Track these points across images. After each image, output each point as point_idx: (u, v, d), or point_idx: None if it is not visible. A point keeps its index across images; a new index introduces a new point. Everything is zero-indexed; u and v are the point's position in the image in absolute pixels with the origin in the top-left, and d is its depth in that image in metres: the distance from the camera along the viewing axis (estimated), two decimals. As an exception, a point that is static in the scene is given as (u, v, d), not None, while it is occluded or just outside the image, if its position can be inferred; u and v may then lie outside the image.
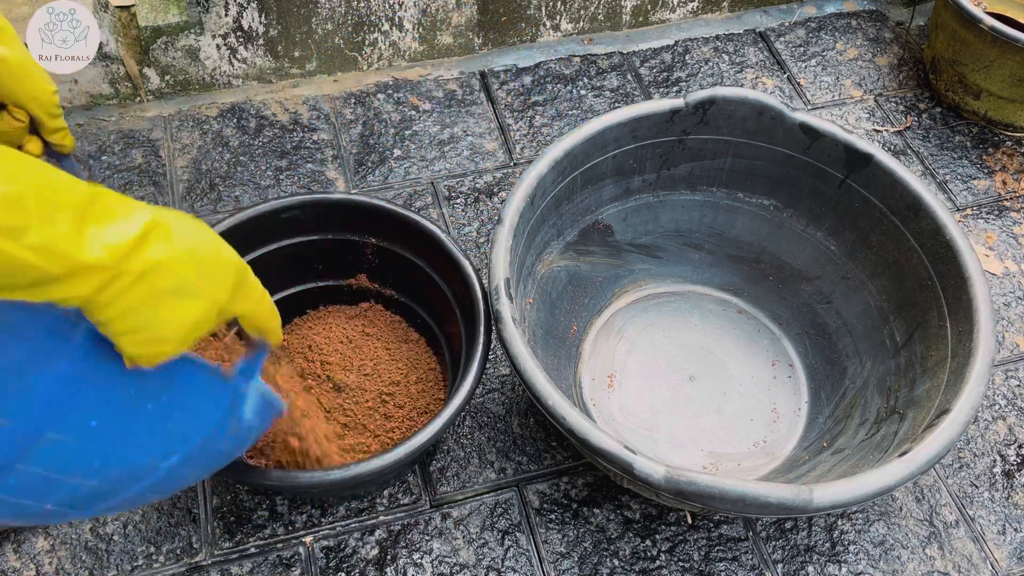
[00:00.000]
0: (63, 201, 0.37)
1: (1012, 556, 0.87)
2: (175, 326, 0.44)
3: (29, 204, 0.35)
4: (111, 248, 0.38)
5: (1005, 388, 0.99)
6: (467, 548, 0.83)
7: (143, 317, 0.42)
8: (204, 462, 0.57)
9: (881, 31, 1.39)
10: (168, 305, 0.43)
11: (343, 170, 1.12)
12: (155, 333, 0.43)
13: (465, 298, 0.83)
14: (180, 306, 0.43)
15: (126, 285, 0.40)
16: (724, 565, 0.83)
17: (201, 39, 1.13)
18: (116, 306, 0.40)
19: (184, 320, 0.44)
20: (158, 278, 0.41)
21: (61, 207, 0.37)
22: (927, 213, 0.83)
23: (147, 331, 0.42)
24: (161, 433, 0.51)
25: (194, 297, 0.44)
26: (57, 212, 0.36)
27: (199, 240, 0.45)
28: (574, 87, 1.25)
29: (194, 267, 0.44)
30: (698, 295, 1.01)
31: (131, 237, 0.39)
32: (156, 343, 0.43)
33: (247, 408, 0.56)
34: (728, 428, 0.91)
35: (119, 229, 0.39)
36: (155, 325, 0.43)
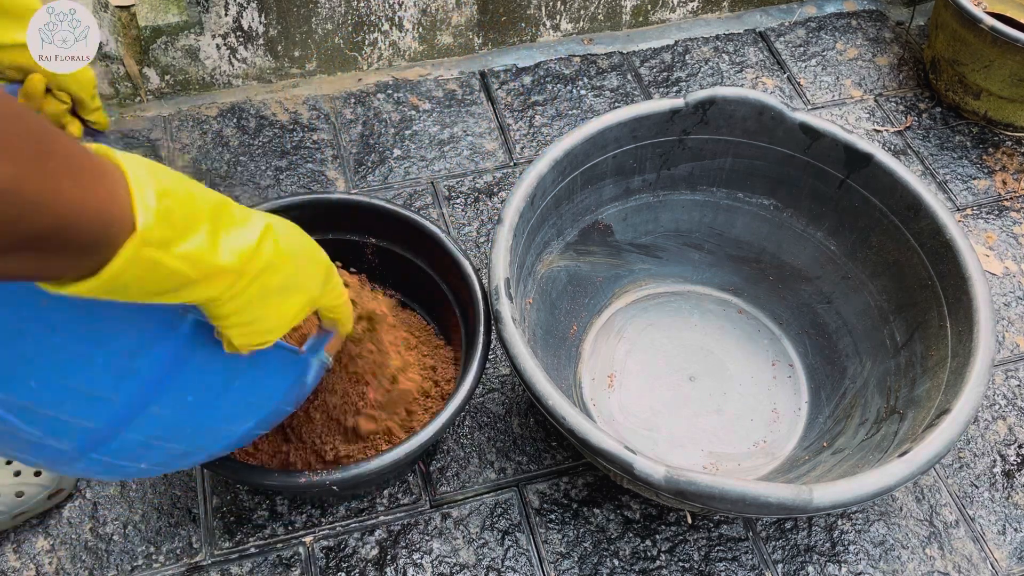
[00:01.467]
0: (200, 212, 0.40)
1: (1012, 556, 0.87)
2: (278, 318, 0.49)
3: (176, 218, 0.38)
4: (240, 252, 0.42)
5: (1005, 388, 0.99)
6: (467, 548, 0.83)
7: (255, 312, 0.46)
8: (269, 423, 0.63)
9: (881, 31, 1.39)
10: (275, 301, 0.47)
11: (343, 170, 1.12)
12: (263, 326, 0.48)
13: (465, 298, 0.83)
14: (284, 301, 0.48)
15: (245, 284, 0.44)
16: (724, 565, 0.83)
17: (201, 39, 1.13)
18: (236, 302, 0.44)
19: (286, 313, 0.49)
20: (270, 277, 0.45)
21: (199, 218, 0.40)
22: (927, 213, 0.83)
23: (256, 324, 0.47)
24: (243, 404, 0.57)
25: (295, 292, 0.49)
26: (197, 223, 0.40)
27: (298, 242, 0.50)
28: (574, 87, 1.25)
29: (296, 266, 0.48)
30: (698, 295, 1.01)
31: (254, 241, 0.44)
32: (262, 334, 0.48)
33: (310, 375, 0.62)
34: (728, 428, 0.91)
35: (244, 235, 0.43)
36: (264, 319, 0.47)
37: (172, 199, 0.38)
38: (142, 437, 0.51)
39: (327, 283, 0.54)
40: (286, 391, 0.60)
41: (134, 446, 0.52)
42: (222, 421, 0.57)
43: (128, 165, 0.37)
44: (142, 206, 0.36)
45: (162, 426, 0.52)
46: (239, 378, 0.54)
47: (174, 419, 0.52)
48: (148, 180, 0.37)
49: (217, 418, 0.56)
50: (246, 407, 0.58)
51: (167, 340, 0.47)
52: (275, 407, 0.61)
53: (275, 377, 0.58)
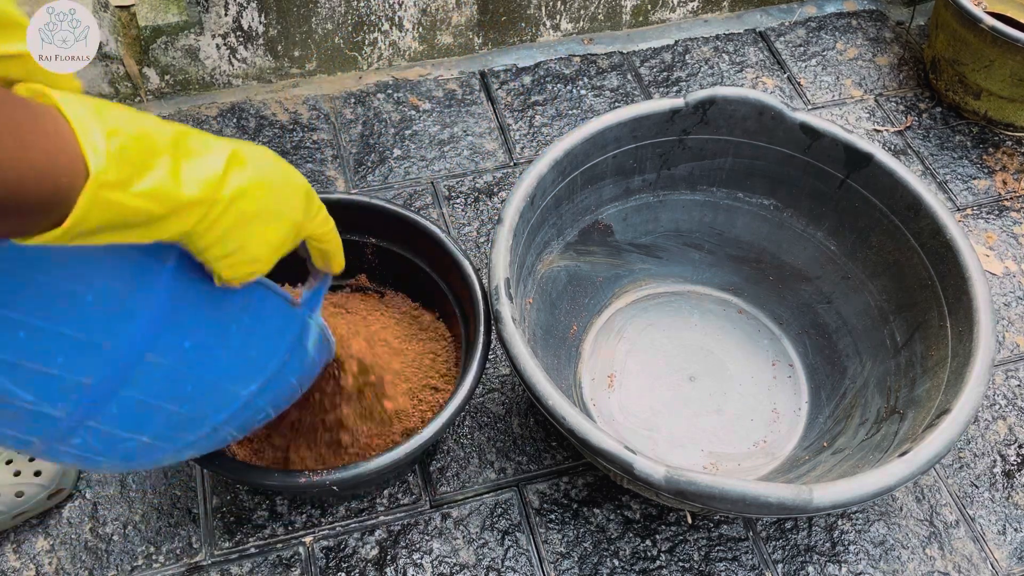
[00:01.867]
0: (157, 146, 0.39)
1: (1012, 556, 0.87)
2: (263, 246, 0.47)
3: (132, 155, 0.37)
4: (204, 183, 0.41)
5: (1005, 388, 0.99)
6: (467, 548, 0.83)
7: (235, 241, 0.45)
8: (275, 395, 0.60)
9: (881, 31, 1.39)
10: (255, 227, 0.46)
11: (343, 170, 1.12)
12: (247, 254, 0.46)
13: (465, 298, 0.83)
14: (265, 228, 0.47)
15: (218, 213, 0.43)
16: (724, 565, 0.83)
17: (201, 39, 1.13)
18: (212, 233, 0.43)
19: (270, 240, 0.48)
20: (244, 203, 0.44)
21: (157, 152, 0.39)
22: (927, 213, 0.83)
23: (240, 253, 0.46)
24: (243, 357, 0.54)
25: (276, 218, 0.48)
26: (154, 158, 0.39)
27: (271, 166, 0.48)
28: (574, 87, 1.25)
29: (271, 191, 0.47)
30: (698, 295, 1.01)
31: (219, 170, 0.42)
32: (248, 263, 0.47)
33: (310, 341, 0.59)
34: (728, 428, 0.91)
35: (207, 164, 0.42)
36: (247, 247, 0.46)
37: (123, 137, 0.37)
38: (141, 396, 0.49)
39: (309, 208, 0.52)
40: (287, 350, 0.58)
41: (133, 408, 0.49)
42: (224, 378, 0.54)
43: (70, 109, 0.36)
44: (91, 149, 0.35)
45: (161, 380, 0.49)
46: (235, 323, 0.52)
47: (173, 371, 0.49)
48: (93, 121, 0.36)
49: (218, 372, 0.53)
50: (247, 362, 0.55)
51: (157, 275, 0.45)
52: (277, 370, 0.57)
53: (272, 328, 0.56)
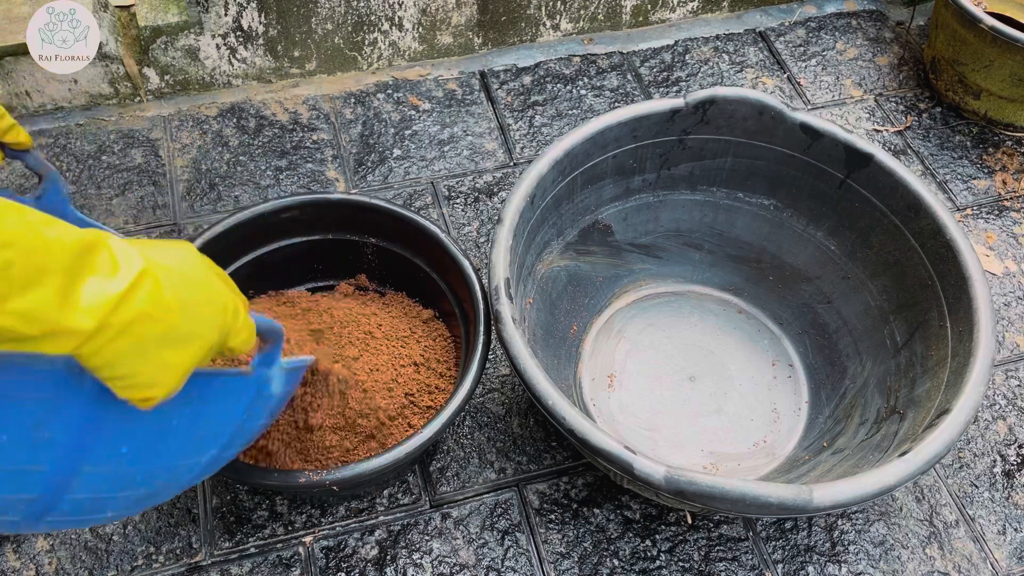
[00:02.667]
0: (51, 264, 0.37)
1: (1012, 556, 0.87)
2: (163, 372, 0.44)
3: (15, 272, 0.35)
4: (93, 309, 0.38)
5: (1005, 388, 0.99)
6: (467, 548, 0.83)
7: (129, 366, 0.42)
8: (240, 443, 0.59)
9: (881, 31, 1.39)
10: (156, 353, 0.43)
11: (343, 170, 1.12)
12: (143, 379, 0.43)
13: (465, 298, 0.83)
14: (168, 353, 0.43)
15: (109, 337, 0.40)
16: (724, 565, 0.83)
17: (201, 39, 1.13)
18: (101, 356, 0.40)
19: (173, 365, 0.44)
20: (144, 328, 0.41)
21: (48, 271, 0.36)
22: (927, 213, 0.83)
23: (134, 378, 0.42)
24: (193, 439, 0.53)
25: (183, 343, 0.44)
26: (43, 276, 0.36)
27: (192, 285, 0.45)
28: (574, 87, 1.25)
29: (184, 315, 0.44)
30: (698, 295, 1.01)
31: (116, 295, 0.39)
32: (144, 388, 0.43)
33: (273, 387, 0.58)
34: (728, 428, 0.91)
35: (106, 286, 0.39)
36: (142, 373, 0.43)
37: (14, 251, 0.35)
38: (90, 495, 0.48)
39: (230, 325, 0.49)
40: (245, 411, 0.56)
41: (87, 504, 0.49)
42: (176, 458, 0.53)
43: None
44: None
45: (106, 480, 0.49)
46: (175, 418, 0.50)
47: (118, 471, 0.49)
48: None
49: (168, 458, 0.52)
50: (198, 440, 0.54)
51: (69, 402, 0.44)
52: (236, 431, 0.57)
53: (222, 404, 0.54)
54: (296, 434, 0.76)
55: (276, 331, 0.56)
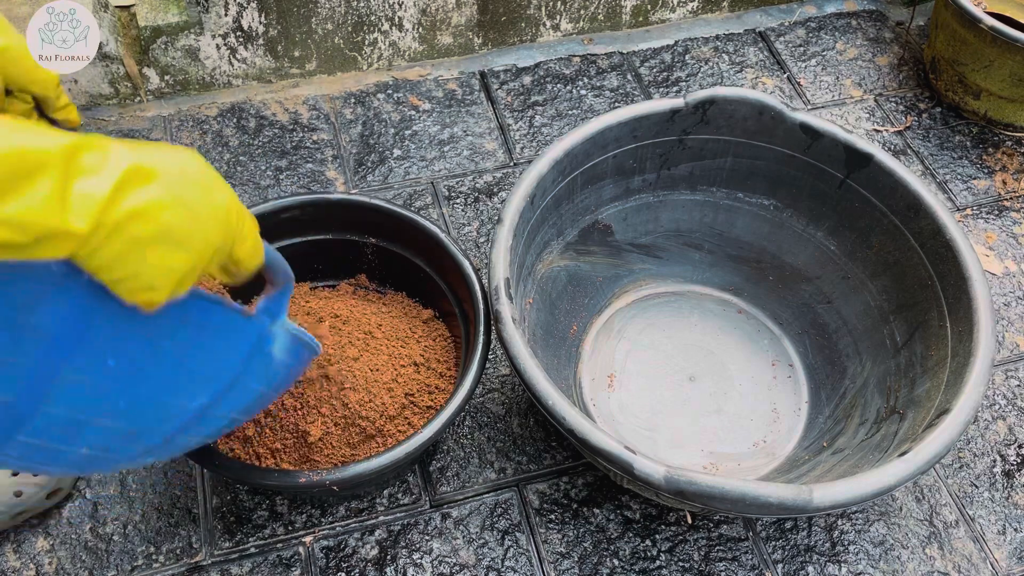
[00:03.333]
0: (36, 166, 0.36)
1: (1012, 556, 0.87)
2: (163, 273, 0.43)
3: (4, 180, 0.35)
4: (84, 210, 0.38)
5: (1005, 388, 0.99)
6: (467, 548, 0.83)
7: (128, 266, 0.41)
8: (238, 403, 0.57)
9: (881, 31, 1.39)
10: (154, 251, 0.42)
11: (343, 170, 1.12)
12: (143, 281, 0.42)
13: (465, 298, 0.83)
14: (169, 251, 0.42)
15: (103, 238, 0.39)
16: (724, 565, 0.83)
17: (201, 39, 1.13)
18: (98, 258, 0.40)
19: (173, 266, 0.43)
20: (138, 226, 0.40)
21: (34, 173, 0.36)
22: (927, 213, 0.83)
23: (134, 279, 0.42)
24: (184, 372, 0.51)
25: (182, 243, 0.43)
26: (30, 180, 0.36)
27: (189, 183, 0.43)
28: (574, 87, 1.25)
29: (180, 213, 0.42)
30: (698, 295, 1.01)
31: (104, 193, 0.38)
32: (145, 291, 0.43)
33: (276, 347, 0.55)
34: (728, 428, 0.91)
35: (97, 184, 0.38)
36: (141, 274, 0.42)
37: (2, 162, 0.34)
38: (67, 411, 0.46)
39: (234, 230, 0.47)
40: (242, 362, 0.54)
41: (62, 423, 0.47)
42: (163, 393, 0.51)
43: None
44: None
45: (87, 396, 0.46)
46: (167, 339, 0.48)
47: (99, 387, 0.47)
48: None
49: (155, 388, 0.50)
50: (189, 376, 0.51)
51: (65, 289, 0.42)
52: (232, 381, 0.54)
53: (219, 341, 0.52)
54: (294, 443, 0.76)
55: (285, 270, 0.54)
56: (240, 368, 0.54)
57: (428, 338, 0.88)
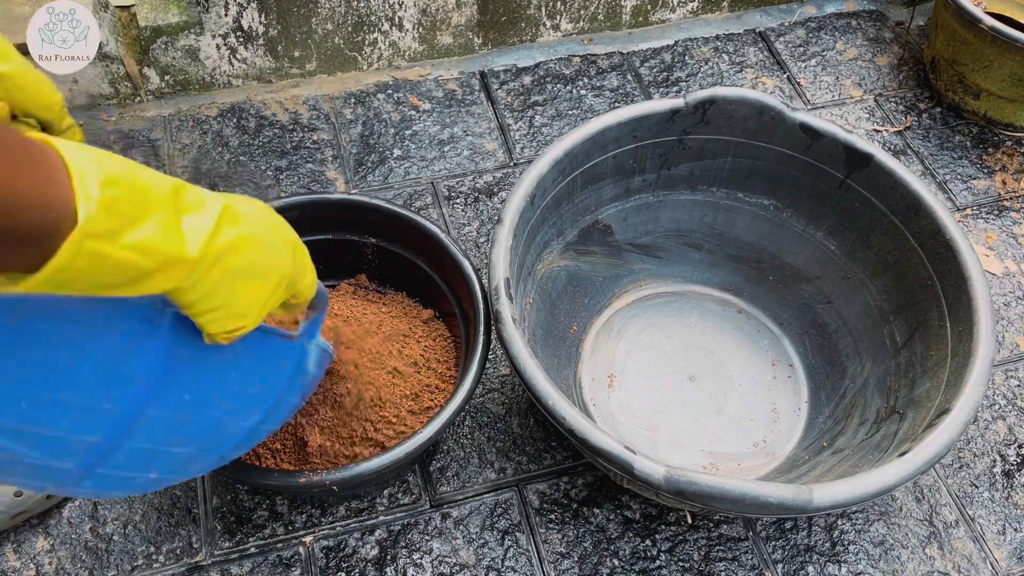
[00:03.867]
0: (151, 199, 0.39)
1: (1012, 556, 0.87)
2: (250, 302, 0.47)
3: (122, 207, 0.37)
4: (195, 238, 0.41)
5: (1005, 388, 0.99)
6: (467, 548, 0.83)
7: (222, 297, 0.45)
8: (278, 416, 0.62)
9: (881, 31, 1.39)
10: (243, 283, 0.46)
11: (343, 170, 1.12)
12: (233, 310, 0.46)
13: (465, 298, 0.83)
14: (253, 283, 0.47)
15: (205, 269, 0.42)
16: (724, 565, 0.83)
17: (201, 39, 1.13)
18: (199, 289, 0.43)
19: (258, 296, 0.48)
20: (232, 260, 0.44)
21: (150, 206, 0.39)
22: (927, 213, 0.83)
23: (226, 308, 0.45)
24: (244, 397, 0.56)
25: (264, 274, 0.48)
26: (148, 211, 0.39)
27: (263, 221, 0.48)
28: (574, 87, 1.25)
29: (261, 247, 0.47)
30: (698, 295, 1.01)
31: (212, 226, 0.42)
32: (235, 319, 0.47)
33: (310, 362, 0.61)
34: (728, 428, 0.91)
35: (200, 219, 0.42)
36: (233, 303, 0.46)
37: (118, 188, 0.37)
38: (146, 444, 0.50)
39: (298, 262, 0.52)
40: (288, 380, 0.59)
41: (140, 455, 0.50)
42: (226, 416, 0.56)
43: (69, 153, 0.35)
44: (83, 196, 0.35)
45: (165, 429, 0.51)
46: (233, 369, 0.53)
47: (175, 420, 0.51)
48: (90, 168, 0.36)
49: (220, 414, 0.55)
50: (248, 400, 0.57)
51: (151, 338, 0.46)
52: (279, 398, 0.60)
53: (272, 365, 0.57)
54: (294, 443, 0.76)
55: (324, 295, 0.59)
56: (286, 386, 0.59)
57: (428, 338, 0.88)
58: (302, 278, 0.53)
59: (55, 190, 0.34)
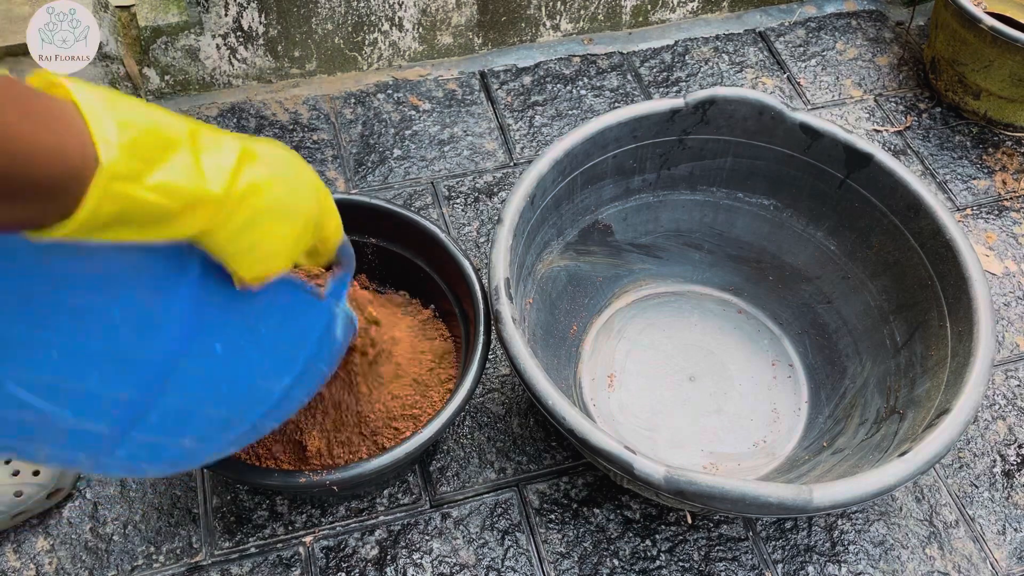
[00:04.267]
0: (171, 139, 0.39)
1: (1012, 556, 0.87)
2: (279, 242, 0.46)
3: (144, 149, 0.37)
4: (217, 177, 0.41)
5: (1005, 388, 0.99)
6: (467, 548, 0.83)
7: (250, 237, 0.44)
8: (307, 383, 0.60)
9: (881, 31, 1.39)
10: (269, 224, 0.45)
11: (343, 170, 1.12)
12: (263, 251, 0.45)
13: (465, 298, 0.83)
14: (280, 224, 0.46)
15: (231, 209, 0.42)
16: (724, 565, 0.83)
17: (201, 39, 1.13)
18: (226, 230, 0.42)
19: (286, 235, 0.47)
20: (256, 199, 0.43)
21: (171, 146, 0.39)
22: (927, 213, 0.83)
23: (256, 250, 0.45)
24: (274, 355, 0.54)
25: (290, 214, 0.47)
26: (168, 152, 0.38)
27: (283, 162, 0.47)
28: (574, 87, 1.25)
29: (284, 187, 0.46)
30: (698, 295, 1.01)
31: (232, 165, 0.41)
32: (265, 260, 0.46)
33: (338, 327, 0.59)
34: (728, 428, 0.91)
35: (220, 158, 0.41)
36: (262, 243, 0.45)
37: (135, 129, 0.37)
38: (179, 402, 0.49)
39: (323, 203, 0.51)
40: (316, 342, 0.58)
41: (174, 415, 0.49)
42: (257, 376, 0.54)
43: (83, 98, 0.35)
44: (103, 140, 0.35)
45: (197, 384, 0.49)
46: (263, 323, 0.51)
47: (208, 374, 0.50)
48: (106, 113, 0.36)
49: (251, 372, 0.53)
50: (278, 359, 0.55)
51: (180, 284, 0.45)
52: (308, 362, 0.58)
53: (301, 322, 0.56)
54: (294, 444, 0.76)
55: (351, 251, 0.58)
56: (315, 349, 0.58)
57: (428, 338, 0.88)
58: (328, 221, 0.52)
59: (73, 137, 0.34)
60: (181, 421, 0.50)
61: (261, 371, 0.54)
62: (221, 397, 0.52)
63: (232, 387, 0.52)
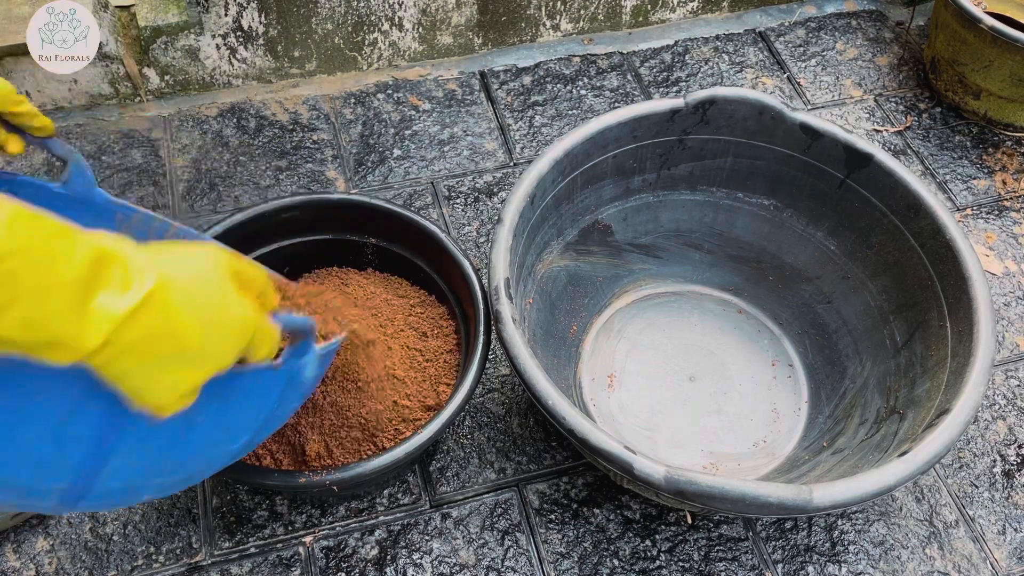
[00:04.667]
0: (59, 277, 0.36)
1: (1012, 556, 0.87)
2: (171, 390, 0.43)
3: (21, 282, 0.35)
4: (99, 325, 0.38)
5: (1005, 388, 0.99)
6: (467, 548, 0.83)
7: (137, 381, 0.41)
8: (274, 424, 0.59)
9: (881, 31, 1.39)
10: (166, 371, 0.42)
11: (343, 170, 1.12)
12: (151, 397, 0.42)
13: (465, 298, 0.83)
14: (179, 372, 0.43)
15: (114, 354, 0.39)
16: (724, 565, 0.83)
17: (201, 39, 1.13)
18: (111, 369, 0.40)
19: (183, 383, 0.43)
20: (153, 346, 0.41)
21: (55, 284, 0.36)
22: (927, 213, 0.83)
23: (143, 394, 0.42)
24: (222, 431, 0.53)
25: (195, 362, 0.44)
26: (51, 289, 0.36)
27: (209, 303, 0.44)
28: (574, 87, 1.25)
29: (197, 334, 0.43)
30: (698, 295, 1.01)
31: (123, 312, 0.39)
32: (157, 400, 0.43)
33: (307, 373, 0.57)
34: (728, 428, 0.91)
35: (113, 304, 0.38)
36: (151, 390, 0.42)
37: (20, 260, 0.35)
38: (121, 484, 0.49)
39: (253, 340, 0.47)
40: (276, 401, 0.56)
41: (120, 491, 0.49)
42: (207, 448, 0.53)
43: None
44: None
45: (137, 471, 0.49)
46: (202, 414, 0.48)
47: (147, 462, 0.49)
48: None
49: (198, 449, 0.52)
50: (227, 429, 0.53)
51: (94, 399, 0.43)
52: (268, 417, 0.56)
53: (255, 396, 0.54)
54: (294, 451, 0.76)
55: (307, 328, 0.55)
56: (275, 405, 0.56)
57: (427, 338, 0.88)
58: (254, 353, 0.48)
59: None
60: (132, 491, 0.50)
61: (211, 444, 0.53)
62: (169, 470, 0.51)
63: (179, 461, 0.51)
